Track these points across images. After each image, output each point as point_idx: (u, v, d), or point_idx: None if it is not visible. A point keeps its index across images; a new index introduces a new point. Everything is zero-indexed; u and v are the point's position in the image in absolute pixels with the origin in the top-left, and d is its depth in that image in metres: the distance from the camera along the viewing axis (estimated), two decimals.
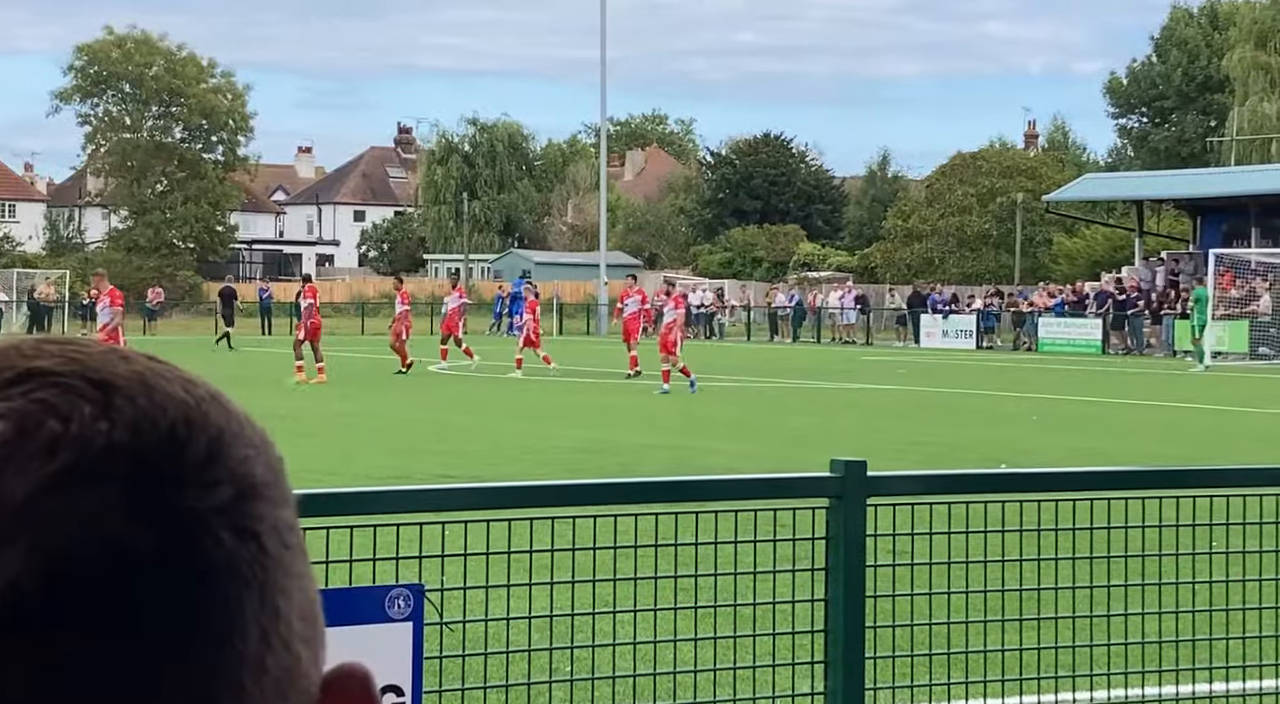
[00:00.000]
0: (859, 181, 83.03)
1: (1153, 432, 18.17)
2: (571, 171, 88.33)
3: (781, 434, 17.07)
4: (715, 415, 19.87)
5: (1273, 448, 16.20)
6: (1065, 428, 18.43)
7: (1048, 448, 15.76)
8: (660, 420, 18.71)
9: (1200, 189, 46.95)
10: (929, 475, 5.16)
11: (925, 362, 37.18)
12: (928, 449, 15.53)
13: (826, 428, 18.00)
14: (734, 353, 41.91)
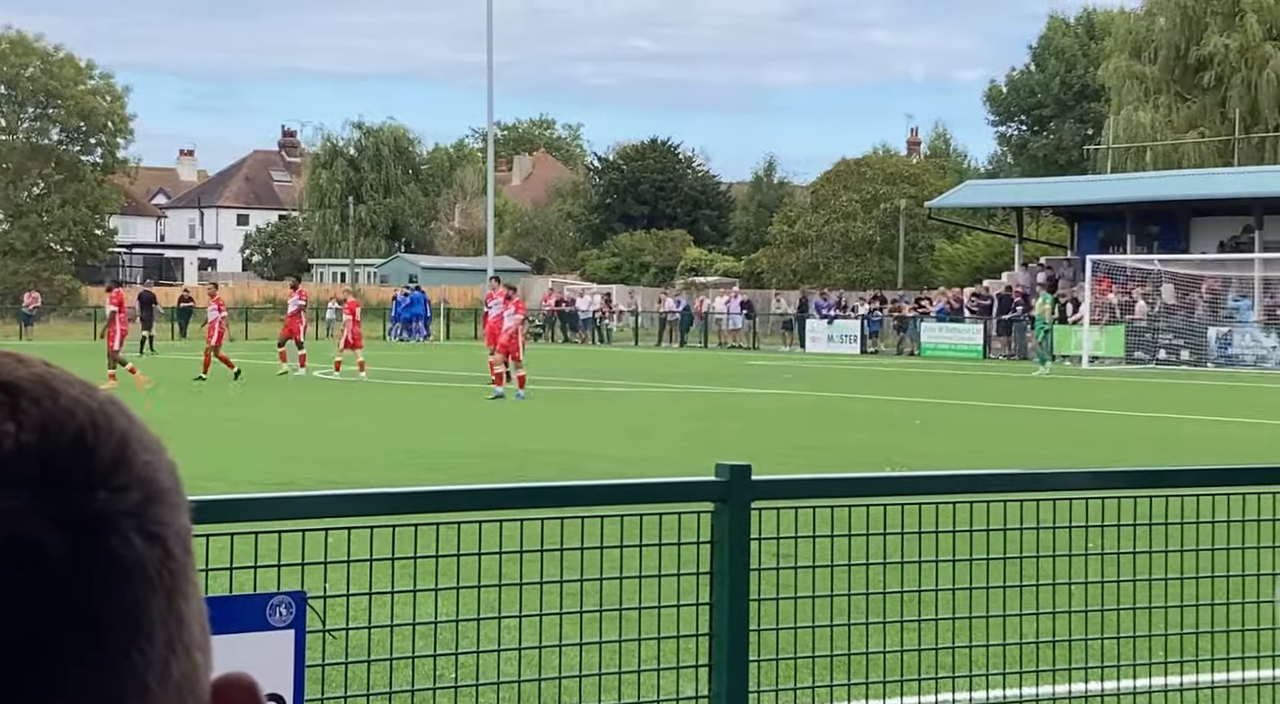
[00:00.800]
0: (745, 187, 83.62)
1: (1032, 435, 18.51)
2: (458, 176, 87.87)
3: (669, 439, 17.12)
4: (603, 421, 19.87)
5: (1145, 450, 16.59)
6: (948, 431, 18.71)
7: (932, 451, 15.98)
8: (549, 425, 18.67)
9: (1077, 196, 47.99)
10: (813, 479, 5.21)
11: (811, 366, 37.53)
12: (814, 453, 15.67)
13: (713, 433, 18.08)
14: (622, 358, 41.93)
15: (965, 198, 53.90)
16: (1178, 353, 39.49)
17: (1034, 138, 70.24)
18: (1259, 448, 16.76)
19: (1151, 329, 40.22)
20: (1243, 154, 49.44)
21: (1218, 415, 21.95)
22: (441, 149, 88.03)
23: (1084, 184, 49.76)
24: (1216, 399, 26.64)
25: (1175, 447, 16.95)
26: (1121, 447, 16.87)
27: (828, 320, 49.10)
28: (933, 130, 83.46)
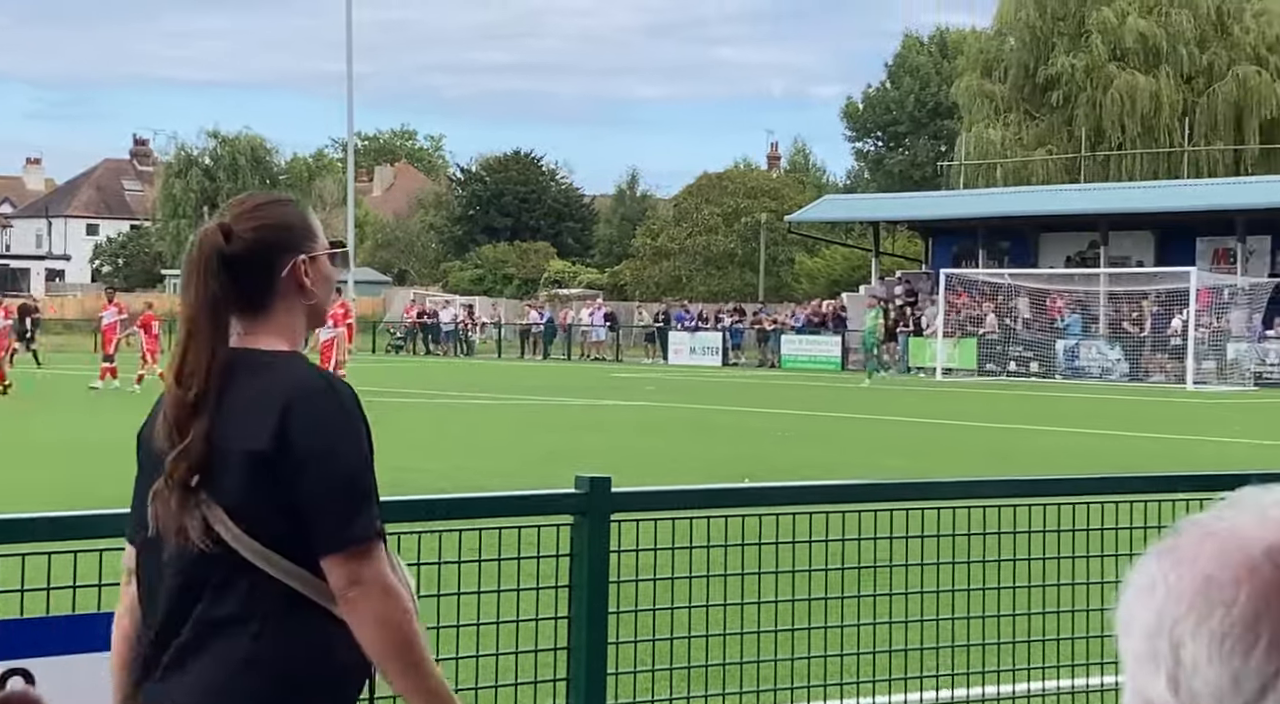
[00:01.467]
0: (608, 200, 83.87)
1: (888, 445, 18.80)
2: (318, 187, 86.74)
3: (531, 452, 17.06)
4: (467, 434, 19.74)
5: (996, 460, 16.95)
6: (809, 443, 18.91)
7: (793, 463, 16.14)
8: (409, 439, 18.52)
9: (931, 211, 48.97)
10: (673, 491, 5.22)
11: (674, 378, 37.71)
12: (675, 465, 15.72)
13: (576, 445, 18.06)
14: (485, 370, 41.76)
15: (824, 212, 54.67)
16: (1027, 365, 40.45)
17: (890, 154, 71.51)
18: (1095, 457, 17.23)
19: (1002, 341, 41.15)
20: (1089, 171, 50.87)
21: (1060, 426, 22.52)
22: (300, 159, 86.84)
23: (938, 199, 50.78)
24: (1060, 410, 27.35)
25: (1016, 456, 17.34)
26: (964, 456, 17.21)
27: (690, 332, 49.41)
28: (792, 145, 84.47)
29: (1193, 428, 22.44)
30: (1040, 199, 46.26)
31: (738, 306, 52.63)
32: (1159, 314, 39.36)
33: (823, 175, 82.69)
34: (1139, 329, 39.49)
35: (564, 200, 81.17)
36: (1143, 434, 21.10)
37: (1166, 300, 38.93)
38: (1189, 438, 20.32)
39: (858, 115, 72.77)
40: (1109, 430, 21.75)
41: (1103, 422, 23.66)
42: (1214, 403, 30.04)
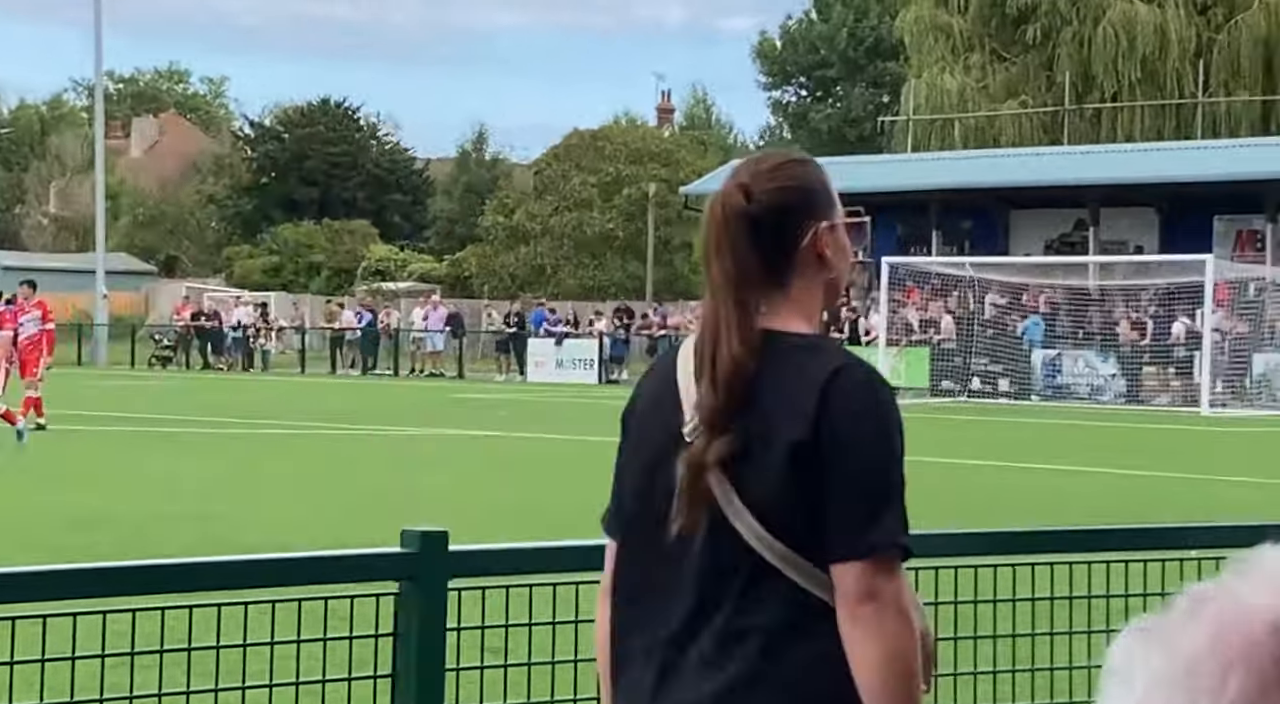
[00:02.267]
0: (448, 165, 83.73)
1: None
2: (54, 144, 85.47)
3: (344, 498, 17.00)
4: (256, 474, 19.60)
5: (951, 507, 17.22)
6: None
7: None
8: (180, 481, 18.31)
9: (871, 181, 49.45)
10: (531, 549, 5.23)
11: (535, 400, 37.74)
12: (535, 515, 15.75)
13: (405, 489, 18.02)
14: (283, 389, 41.42)
15: None
16: (995, 382, 41.10)
17: (816, 106, 72.25)
18: (1079, 503, 17.54)
19: (963, 352, 41.75)
20: (1074, 130, 51.85)
21: (1035, 461, 22.91)
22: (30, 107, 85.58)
23: (878, 166, 51.41)
24: (1036, 441, 27.78)
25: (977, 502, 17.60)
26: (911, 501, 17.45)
27: (556, 340, 49.47)
28: (690, 95, 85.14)
29: (1205, 465, 22.95)
30: (1011, 166, 47.06)
31: (621, 306, 52.87)
32: (1163, 317, 40.22)
33: (729, 134, 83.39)
34: (1139, 336, 40.32)
35: (389, 166, 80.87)
36: (1141, 472, 21.52)
37: (1173, 298, 39.80)
38: (1200, 477, 20.78)
39: (775, 56, 73.44)
40: (1096, 468, 22.15)
41: (1090, 456, 24.09)
42: (1233, 432, 30.74)
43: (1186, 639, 1.04)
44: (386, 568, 4.11)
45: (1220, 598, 1.05)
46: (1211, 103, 50.99)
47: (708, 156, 68.26)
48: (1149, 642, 1.06)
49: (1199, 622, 1.05)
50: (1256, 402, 37.17)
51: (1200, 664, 1.03)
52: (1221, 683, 1.01)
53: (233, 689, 4.03)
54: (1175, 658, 1.04)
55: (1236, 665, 1.02)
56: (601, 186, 66.50)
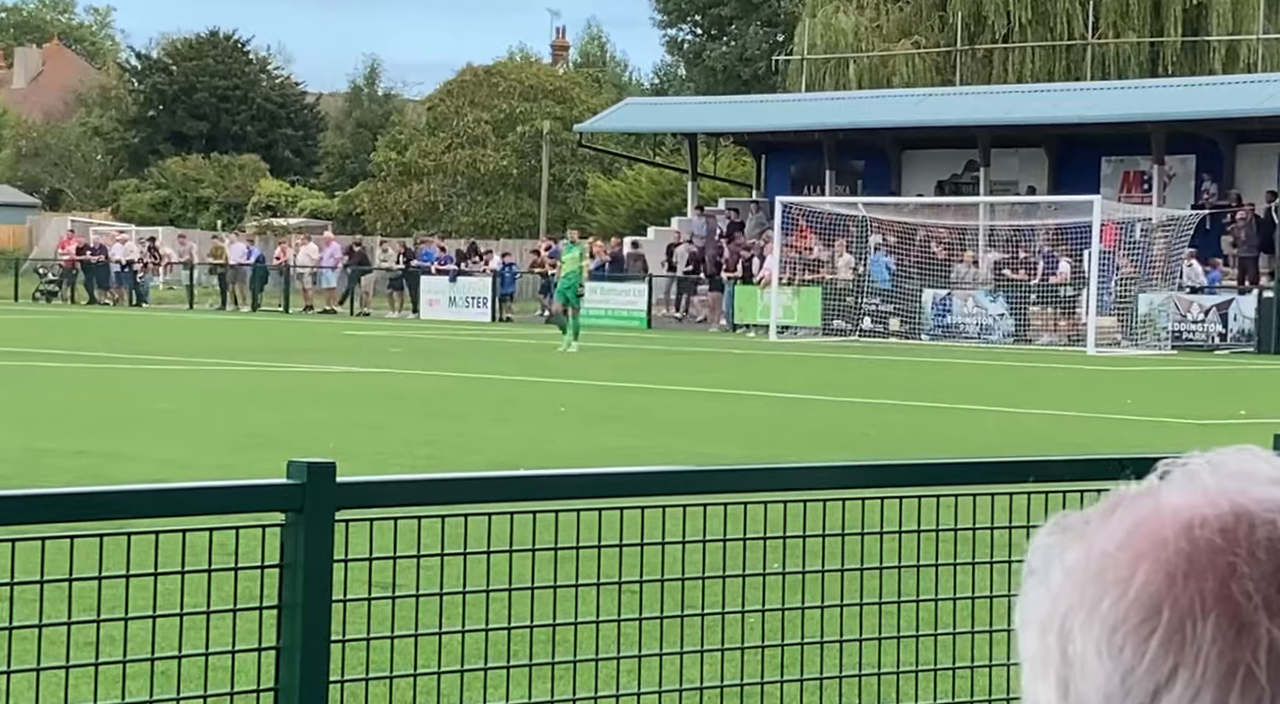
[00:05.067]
0: (340, 100, 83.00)
1: (706, 426, 19.06)
2: None
3: (233, 434, 16.89)
4: (142, 410, 19.43)
5: (842, 443, 17.35)
6: (601, 422, 19.08)
7: (577, 447, 16.27)
8: (65, 416, 18.12)
9: (765, 121, 49.62)
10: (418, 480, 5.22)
11: (427, 337, 37.65)
12: (427, 449, 15.74)
13: (294, 424, 17.94)
14: (171, 325, 41.05)
15: (626, 120, 54.97)
16: (886, 322, 41.41)
17: (711, 45, 72.14)
18: (964, 440, 17.73)
19: (854, 292, 42.00)
20: (966, 70, 52.09)
21: (924, 400, 23.13)
22: None
23: (773, 105, 51.46)
24: (926, 380, 28.06)
25: (867, 437, 17.77)
26: (804, 439, 17.57)
27: (449, 278, 49.32)
28: (584, 32, 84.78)
29: (1092, 403, 23.26)
30: (904, 106, 47.26)
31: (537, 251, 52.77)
32: (1052, 256, 40.62)
33: (625, 72, 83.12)
34: (1028, 276, 40.71)
35: (279, 100, 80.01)
36: (1028, 410, 21.79)
37: (1062, 238, 40.19)
38: (1086, 415, 21.07)
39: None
40: (985, 405, 22.41)
41: (978, 395, 24.36)
42: (1119, 370, 31.17)
43: (1102, 535, 1.06)
44: (272, 499, 4.08)
45: (1139, 498, 1.08)
46: (1101, 44, 51.39)
47: (602, 94, 68.04)
48: (1066, 538, 1.08)
49: (1115, 518, 1.07)
50: (1142, 341, 37.68)
51: (1111, 557, 1.05)
52: (1130, 574, 1.04)
53: (115, 620, 4.00)
54: (1090, 552, 1.06)
55: (1145, 558, 1.04)
56: (495, 123, 66.17)
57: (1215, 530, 1.04)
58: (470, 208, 65.72)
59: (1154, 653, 1.02)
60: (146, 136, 77.36)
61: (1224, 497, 1.05)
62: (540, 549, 4.51)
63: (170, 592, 4.04)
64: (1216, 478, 1.07)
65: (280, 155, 76.71)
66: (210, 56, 77.84)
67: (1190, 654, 1.02)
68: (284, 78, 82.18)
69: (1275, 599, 1.02)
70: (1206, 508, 1.05)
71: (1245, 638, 1.02)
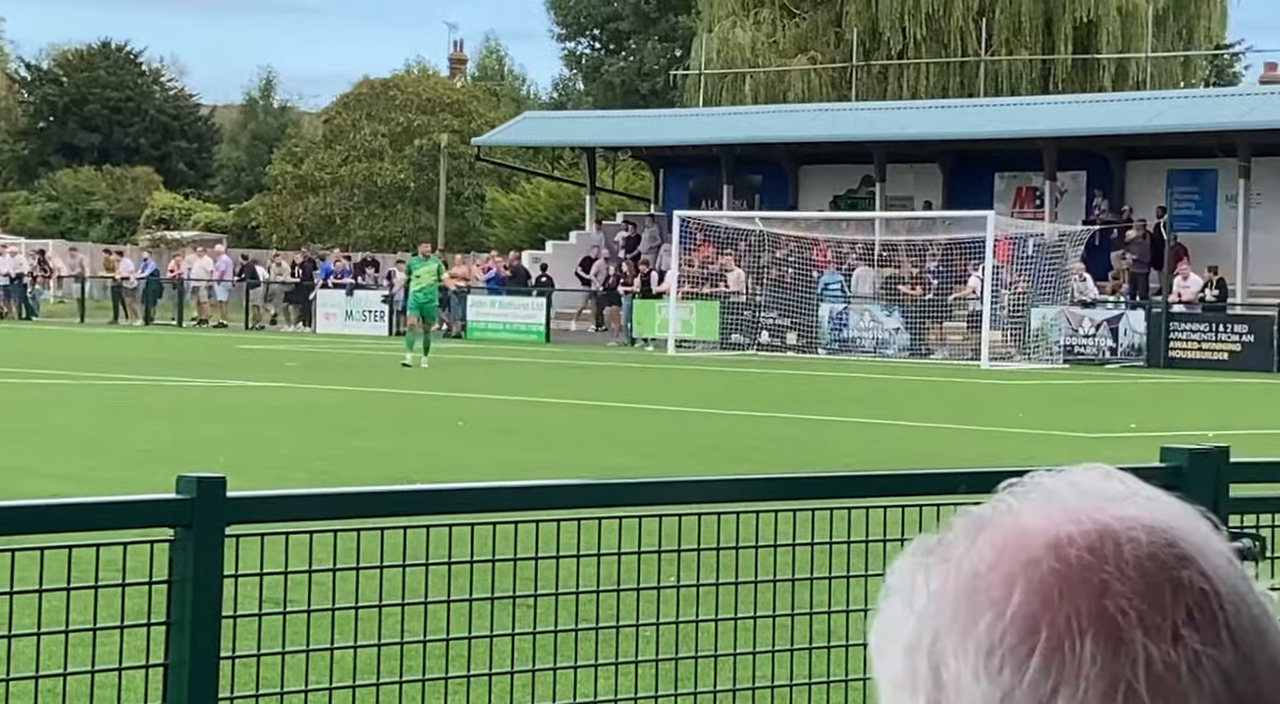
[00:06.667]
0: (235, 112, 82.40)
1: (604, 439, 19.08)
2: None
3: (125, 449, 16.73)
4: (39, 425, 19.21)
5: (740, 456, 17.41)
6: (500, 435, 19.05)
7: (476, 460, 16.23)
8: None
9: (663, 135, 49.75)
10: (311, 495, 5.18)
11: (323, 351, 37.47)
12: (323, 464, 15.66)
13: (186, 439, 17.79)
14: (61, 339, 40.60)
15: (524, 134, 54.96)
16: (783, 335, 41.59)
17: (609, 59, 72.26)
18: (861, 452, 17.84)
19: (752, 306, 42.16)
20: (862, 86, 52.46)
21: (820, 414, 23.26)
22: None
23: (671, 120, 51.61)
24: (822, 393, 28.21)
25: (764, 450, 17.84)
26: (703, 451, 17.62)
27: (346, 292, 49.08)
28: (482, 45, 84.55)
29: (985, 416, 23.47)
30: (800, 121, 47.52)
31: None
32: (947, 271, 40.95)
33: (523, 85, 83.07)
34: (923, 290, 41.02)
35: (173, 112, 79.36)
36: (922, 424, 21.95)
37: (957, 253, 40.53)
38: (979, 428, 21.25)
39: (568, 7, 73.28)
40: (881, 419, 22.56)
41: (874, 408, 24.52)
42: (1012, 384, 31.48)
43: (970, 556, 1.06)
44: (161, 514, 4.03)
45: (999, 518, 1.08)
46: (994, 61, 51.91)
47: (501, 108, 67.97)
48: (929, 559, 1.08)
49: (981, 539, 1.07)
50: (1034, 355, 38.06)
51: (983, 578, 1.05)
52: (1005, 595, 1.04)
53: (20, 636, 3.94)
54: (958, 574, 1.06)
55: (1018, 578, 1.04)
56: (392, 136, 65.97)
57: (1084, 549, 1.05)
58: (367, 221, 65.45)
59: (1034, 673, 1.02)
60: (36, 148, 76.50)
61: (1085, 515, 1.07)
62: (434, 564, 4.48)
63: (56, 609, 3.99)
64: (1074, 497, 1.08)
65: (174, 168, 76.08)
66: (102, 68, 77.11)
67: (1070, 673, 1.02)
68: (178, 90, 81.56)
69: (1148, 615, 1.03)
70: (1071, 527, 1.06)
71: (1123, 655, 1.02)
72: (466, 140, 59.66)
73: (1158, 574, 1.04)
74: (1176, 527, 1.08)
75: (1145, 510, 1.08)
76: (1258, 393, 30.15)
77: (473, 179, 65.59)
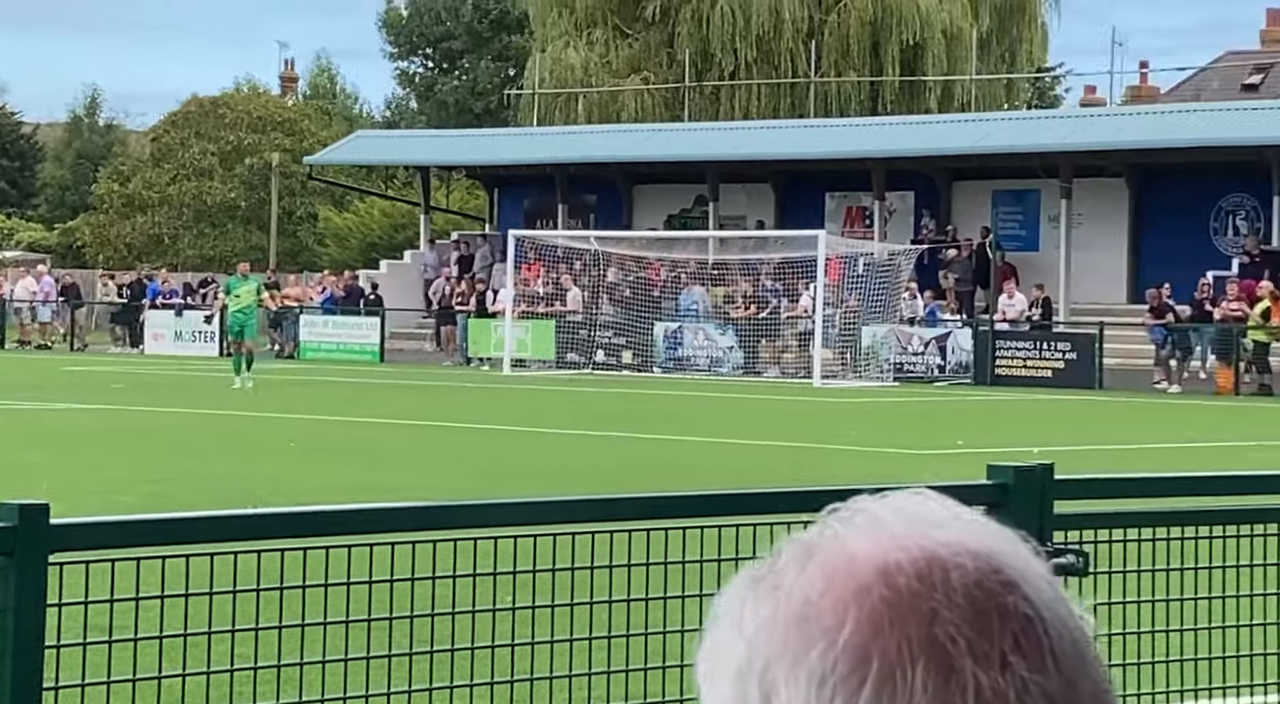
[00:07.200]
0: (59, 130, 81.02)
1: (439, 460, 19.00)
2: None
3: None
4: None
5: (580, 477, 17.42)
6: (339, 457, 18.90)
7: (318, 483, 16.08)
8: None
9: (497, 155, 49.70)
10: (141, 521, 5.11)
11: (151, 373, 36.96)
12: (152, 487, 15.44)
13: (7, 465, 17.42)
14: None
15: (357, 153, 54.63)
16: (619, 354, 41.69)
17: (443, 78, 72.10)
18: (693, 471, 17.94)
19: (588, 325, 42.23)
20: (694, 107, 52.81)
21: (655, 432, 23.36)
22: None
23: (505, 139, 51.60)
24: (656, 412, 28.33)
25: (603, 469, 17.87)
26: (542, 473, 17.61)
27: (175, 312, 48.44)
28: (314, 63, 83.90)
29: (815, 434, 23.69)
30: (634, 141, 47.73)
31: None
32: (779, 290, 41.31)
33: (356, 104, 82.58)
34: (756, 309, 41.34)
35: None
36: (754, 442, 22.10)
37: (789, 272, 40.90)
38: (810, 446, 21.44)
39: (401, 26, 73.02)
40: (714, 438, 22.68)
41: (708, 427, 24.66)
42: (842, 402, 31.81)
43: (800, 583, 1.07)
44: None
45: (827, 545, 1.08)
46: (823, 82, 52.52)
47: (333, 127, 67.53)
48: (759, 588, 1.08)
49: (811, 567, 1.07)
50: (865, 373, 38.49)
51: (814, 606, 1.05)
52: (836, 623, 1.04)
53: None
54: (789, 602, 1.06)
55: (849, 607, 1.05)
56: (222, 155, 65.27)
57: (913, 576, 1.05)
58: (197, 240, 64.68)
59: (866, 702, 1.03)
60: None
61: (912, 541, 1.07)
62: (266, 589, 4.43)
63: None
64: (900, 522, 1.09)
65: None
66: None
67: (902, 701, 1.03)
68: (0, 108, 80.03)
69: (977, 643, 1.04)
70: (899, 553, 1.06)
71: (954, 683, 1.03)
72: (298, 159, 59.17)
73: (985, 601, 1.05)
74: (999, 552, 1.09)
75: (969, 536, 1.09)
76: (1080, 409, 30.76)
77: (305, 198, 65.07)
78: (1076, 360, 36.99)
